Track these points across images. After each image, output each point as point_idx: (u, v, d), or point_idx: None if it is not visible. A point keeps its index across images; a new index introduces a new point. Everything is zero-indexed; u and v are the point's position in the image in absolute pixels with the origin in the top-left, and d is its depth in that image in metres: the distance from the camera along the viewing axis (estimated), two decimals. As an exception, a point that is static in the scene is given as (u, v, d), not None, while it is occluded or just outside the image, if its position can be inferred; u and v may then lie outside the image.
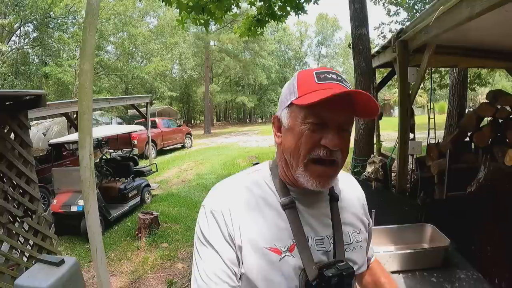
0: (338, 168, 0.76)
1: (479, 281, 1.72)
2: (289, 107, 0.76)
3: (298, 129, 0.73)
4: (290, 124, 0.75)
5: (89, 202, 1.76)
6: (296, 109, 0.74)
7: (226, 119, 39.67)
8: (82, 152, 1.74)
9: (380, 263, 1.04)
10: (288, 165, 0.78)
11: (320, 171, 0.73)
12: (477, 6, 1.94)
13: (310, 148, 0.72)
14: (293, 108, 0.75)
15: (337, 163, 0.74)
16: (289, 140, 0.75)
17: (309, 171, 0.73)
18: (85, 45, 1.67)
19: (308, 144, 0.72)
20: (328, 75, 0.73)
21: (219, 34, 25.61)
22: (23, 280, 1.72)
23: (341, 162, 0.75)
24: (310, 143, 0.72)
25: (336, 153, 0.72)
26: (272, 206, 0.78)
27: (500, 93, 3.47)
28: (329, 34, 44.27)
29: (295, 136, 0.74)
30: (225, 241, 0.74)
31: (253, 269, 0.72)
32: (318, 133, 0.71)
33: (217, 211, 0.76)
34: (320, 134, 0.71)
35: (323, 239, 0.78)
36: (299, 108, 0.73)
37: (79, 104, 1.73)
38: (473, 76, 9.38)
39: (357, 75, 4.56)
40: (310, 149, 0.72)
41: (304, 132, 0.72)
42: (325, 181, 0.74)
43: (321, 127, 0.71)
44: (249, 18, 5.50)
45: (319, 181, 0.73)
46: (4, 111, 2.55)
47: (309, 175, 0.73)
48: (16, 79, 15.81)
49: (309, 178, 0.73)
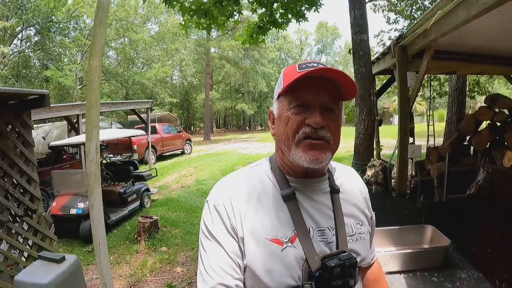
0: (331, 146, 0.78)
1: (480, 281, 1.72)
2: (278, 99, 0.82)
3: (285, 115, 0.78)
4: (279, 113, 0.81)
5: (94, 196, 1.77)
6: (282, 99, 0.80)
7: (226, 126, 39.74)
8: (89, 145, 1.75)
9: (380, 267, 1.04)
10: (283, 153, 0.80)
11: (310, 143, 0.75)
12: (473, 9, 1.98)
13: (296, 129, 0.75)
14: (280, 99, 0.81)
15: (328, 140, 0.76)
16: (280, 127, 0.80)
17: (300, 147, 0.76)
18: (95, 41, 1.70)
19: (294, 125, 0.76)
20: (309, 64, 0.77)
21: (220, 41, 25.82)
22: (24, 276, 1.72)
23: (333, 141, 0.77)
24: (296, 124, 0.76)
25: (322, 131, 0.75)
26: (273, 198, 0.79)
27: (498, 96, 3.50)
28: (329, 42, 44.72)
29: (283, 122, 0.78)
30: (228, 234, 0.75)
31: (255, 260, 0.73)
32: (302, 114, 0.75)
33: (220, 205, 0.78)
34: (304, 115, 0.75)
35: (325, 230, 0.79)
36: (283, 96, 0.79)
37: (87, 98, 1.75)
38: (472, 84, 9.45)
39: (357, 80, 4.59)
40: (296, 129, 0.75)
41: (290, 116, 0.76)
42: (318, 154, 0.75)
43: (304, 109, 0.76)
44: (251, 26, 5.56)
45: (312, 154, 0.75)
46: (8, 110, 2.57)
47: (301, 151, 0.75)
48: (17, 82, 15.84)
49: (301, 154, 0.75)
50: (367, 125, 4.47)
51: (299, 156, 0.75)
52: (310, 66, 0.76)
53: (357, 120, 4.60)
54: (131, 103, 10.52)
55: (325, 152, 0.76)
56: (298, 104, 0.76)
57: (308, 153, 0.75)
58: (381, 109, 26.97)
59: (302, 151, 0.75)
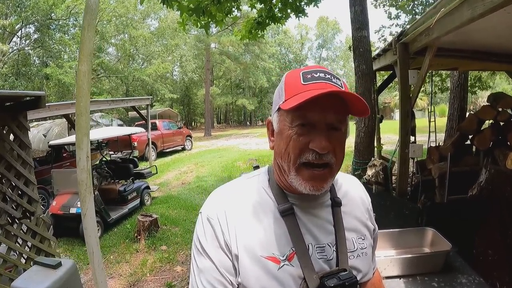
0: (333, 170, 0.73)
1: (481, 286, 1.70)
2: (278, 111, 0.74)
3: (286, 133, 0.71)
4: (280, 128, 0.74)
5: (85, 205, 1.74)
6: (283, 113, 0.72)
7: (227, 122, 39.71)
8: (79, 153, 1.72)
9: (379, 274, 1.01)
10: (282, 171, 0.76)
11: (312, 174, 0.70)
12: (478, 8, 1.92)
13: (299, 153, 0.70)
14: (281, 112, 0.73)
15: (331, 165, 0.71)
16: (280, 144, 0.74)
17: (301, 175, 0.71)
18: (83, 46, 1.66)
19: (297, 148, 0.70)
20: (315, 74, 0.70)
21: (220, 36, 25.68)
22: (20, 282, 1.70)
23: (335, 164, 0.72)
24: (298, 148, 0.69)
25: (327, 156, 0.69)
26: (270, 213, 0.76)
27: (501, 95, 3.46)
28: (329, 37, 44.36)
29: (284, 140, 0.72)
30: (221, 249, 0.72)
31: (250, 278, 0.70)
32: (306, 136, 0.69)
33: (214, 218, 0.75)
34: (308, 137, 0.69)
35: (325, 246, 0.76)
36: (285, 111, 0.71)
37: (76, 105, 1.71)
38: (474, 79, 9.39)
39: (357, 77, 4.56)
40: (298, 153, 0.70)
41: (292, 136, 0.70)
42: (319, 184, 0.71)
43: (308, 129, 0.69)
44: (250, 21, 5.50)
45: (312, 184, 0.70)
46: (4, 112, 2.54)
47: (301, 179, 0.71)
48: (17, 80, 15.84)
49: (301, 182, 0.71)
50: (368, 123, 4.44)
51: (298, 183, 0.71)
52: (316, 77, 0.70)
53: (358, 119, 4.56)
54: (131, 100, 10.48)
55: (327, 180, 0.72)
56: (302, 123, 0.69)
57: (308, 183, 0.70)
58: (382, 104, 26.89)
59: (303, 179, 0.70)
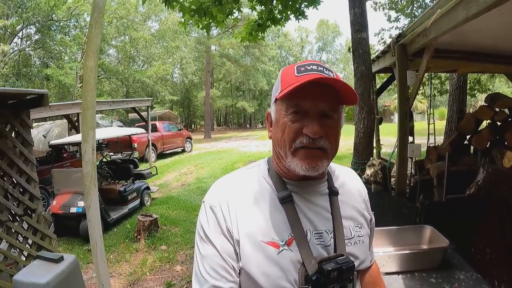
0: (328, 155, 0.77)
1: (479, 282, 1.72)
2: (275, 102, 0.80)
3: (282, 121, 0.76)
4: (277, 117, 0.79)
5: (90, 197, 1.77)
6: (279, 103, 0.78)
7: (227, 124, 39.71)
8: (85, 146, 1.74)
9: (378, 268, 1.03)
10: (279, 157, 0.80)
11: (307, 152, 0.74)
12: (472, 8, 1.96)
13: (293, 138, 0.74)
14: (278, 103, 0.79)
15: (325, 149, 0.75)
16: (276, 132, 0.79)
17: (297, 156, 0.75)
18: (91, 42, 1.69)
19: (291, 134, 0.74)
20: (308, 66, 0.75)
21: (220, 39, 25.76)
22: (22, 275, 1.72)
23: (330, 149, 0.76)
24: (293, 133, 0.74)
25: (320, 141, 0.74)
26: (269, 200, 0.79)
27: (498, 96, 3.49)
28: (329, 40, 44.55)
29: (280, 128, 0.77)
30: (223, 236, 0.75)
31: (251, 263, 0.73)
32: (299, 122, 0.74)
33: (216, 206, 0.78)
34: (301, 123, 0.74)
35: (322, 233, 0.78)
36: (281, 101, 0.77)
37: (83, 100, 1.75)
38: (473, 82, 9.42)
39: (356, 79, 4.58)
40: (293, 138, 0.74)
41: (287, 123, 0.75)
42: (314, 162, 0.74)
43: (302, 116, 0.74)
44: (250, 23, 5.54)
45: (308, 162, 0.74)
46: (7, 110, 2.57)
47: (298, 159, 0.75)
48: (17, 81, 15.85)
49: (298, 162, 0.74)
50: (367, 124, 4.45)
51: (295, 164, 0.75)
52: (309, 69, 0.74)
53: (357, 119, 4.58)
54: (132, 101, 10.51)
55: (322, 160, 0.76)
56: (296, 111, 0.74)
57: (304, 161, 0.74)
58: (382, 107, 26.93)
59: (298, 159, 0.75)
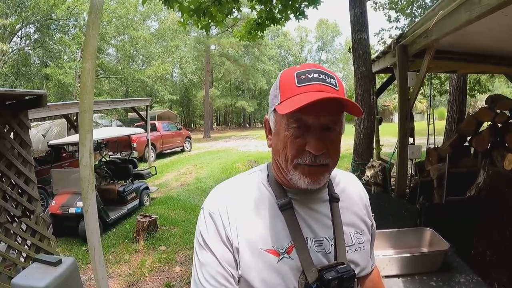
0: (329, 168, 0.75)
1: (479, 285, 1.71)
2: (274, 111, 0.76)
3: (283, 135, 0.73)
4: (277, 129, 0.76)
5: (88, 201, 1.75)
6: (279, 115, 0.74)
7: (226, 124, 39.69)
8: (82, 150, 1.73)
9: (379, 272, 1.02)
10: (280, 168, 0.78)
11: (309, 170, 0.72)
12: (475, 10, 1.94)
13: (295, 155, 0.72)
14: (277, 113, 0.74)
15: (326, 165, 0.73)
16: (277, 144, 0.76)
17: (298, 170, 0.73)
18: (88, 44, 1.68)
19: (293, 150, 0.72)
20: (309, 74, 0.72)
21: (220, 38, 25.74)
22: (20, 279, 1.71)
23: (331, 163, 0.74)
24: (295, 150, 0.72)
25: (321, 158, 0.72)
26: (269, 208, 0.77)
27: (499, 97, 3.48)
28: (329, 39, 44.52)
29: (281, 141, 0.74)
30: (223, 243, 0.74)
31: (250, 271, 0.72)
32: (301, 138, 0.71)
33: (215, 213, 0.76)
34: (303, 139, 0.71)
35: (323, 240, 0.77)
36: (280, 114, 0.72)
37: (80, 102, 1.73)
38: (473, 83, 9.42)
39: (356, 79, 4.57)
40: (295, 155, 0.72)
41: (289, 138, 0.72)
42: (316, 177, 0.73)
43: (303, 131, 0.71)
44: (250, 22, 5.53)
45: (310, 177, 0.72)
46: (5, 110, 2.55)
47: (300, 174, 0.73)
48: (16, 80, 15.85)
49: (300, 176, 0.73)
50: (367, 124, 4.45)
51: (296, 178, 0.73)
52: (310, 78, 0.71)
53: (357, 120, 4.58)
54: (131, 101, 10.49)
55: (324, 174, 0.74)
56: (298, 126, 0.71)
57: (306, 177, 0.73)
58: (381, 107, 26.92)
59: (300, 174, 0.73)
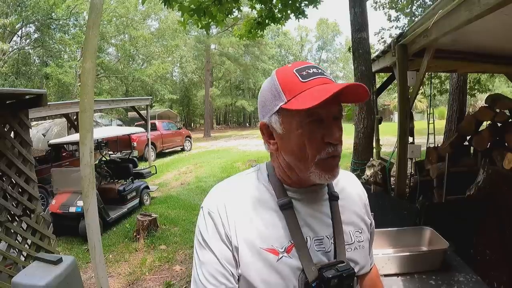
0: (340, 157, 0.77)
1: (478, 284, 1.71)
2: (279, 112, 0.73)
3: (297, 133, 0.71)
4: (286, 129, 0.73)
5: (88, 200, 1.76)
6: (288, 114, 0.72)
7: (226, 123, 39.68)
8: (83, 149, 1.74)
9: (377, 271, 1.02)
10: (292, 168, 0.76)
11: (330, 165, 0.73)
12: (475, 9, 1.94)
13: (317, 149, 0.71)
14: (284, 113, 0.72)
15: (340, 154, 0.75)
16: (291, 145, 0.74)
17: (320, 168, 0.72)
18: (88, 44, 1.68)
19: (314, 145, 0.71)
20: (309, 70, 0.72)
21: (220, 37, 25.73)
22: (21, 278, 1.71)
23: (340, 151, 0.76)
24: (315, 144, 0.71)
25: (339, 147, 0.74)
26: (269, 207, 0.77)
27: (499, 97, 3.49)
28: (329, 39, 44.43)
29: (296, 140, 0.72)
30: (222, 242, 0.74)
31: (250, 270, 0.72)
32: (317, 131, 0.71)
33: (214, 212, 0.76)
34: (319, 132, 0.71)
35: (323, 239, 0.77)
36: (292, 111, 0.70)
37: (81, 102, 1.74)
38: (473, 82, 9.42)
39: (356, 78, 4.56)
40: (317, 150, 0.71)
41: (306, 136, 0.71)
42: (335, 171, 0.74)
43: (318, 124, 0.71)
44: (250, 21, 5.53)
45: (330, 173, 0.73)
46: (5, 110, 2.56)
47: (321, 171, 0.73)
48: (16, 79, 15.86)
49: (321, 174, 0.73)
50: (367, 124, 4.44)
51: (316, 175, 0.73)
52: (311, 73, 0.71)
53: (357, 119, 4.57)
54: (131, 100, 10.49)
55: (338, 165, 0.76)
56: (312, 120, 0.70)
57: (328, 173, 0.73)
58: (381, 106, 26.89)
59: (321, 170, 0.73)
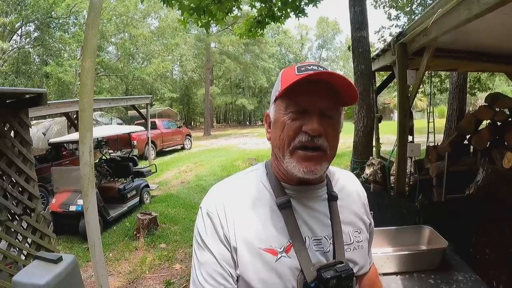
0: (328, 156, 0.75)
1: (477, 283, 1.72)
2: (275, 102, 0.79)
3: (281, 120, 0.75)
4: (276, 117, 0.78)
5: (88, 199, 1.76)
6: (279, 102, 0.76)
7: (226, 121, 39.66)
8: (82, 148, 1.74)
9: (376, 270, 1.02)
10: (278, 159, 0.78)
11: (305, 155, 0.72)
12: (474, 8, 1.94)
13: (292, 136, 0.73)
14: (277, 102, 0.77)
15: (323, 149, 0.73)
16: (275, 132, 0.77)
17: (295, 157, 0.73)
18: (87, 43, 1.68)
19: (290, 131, 0.73)
20: (309, 66, 0.74)
21: (220, 36, 25.68)
22: (21, 276, 1.72)
23: (329, 149, 0.74)
24: (292, 131, 0.72)
25: (319, 139, 0.72)
26: (267, 206, 0.77)
27: (499, 96, 3.48)
28: (329, 37, 44.39)
29: (279, 127, 0.75)
30: (221, 242, 0.74)
31: (249, 270, 0.72)
32: (299, 120, 0.72)
33: (213, 212, 0.76)
34: (301, 121, 0.72)
35: (321, 239, 0.77)
36: (281, 100, 0.76)
37: (80, 101, 1.74)
38: (473, 81, 9.41)
39: (356, 77, 4.58)
40: (292, 136, 0.73)
41: (286, 122, 0.73)
42: (313, 165, 0.73)
43: (301, 115, 0.73)
44: (250, 19, 5.53)
45: (306, 166, 0.72)
46: (5, 109, 2.56)
47: (295, 161, 0.73)
48: (16, 78, 15.84)
49: (295, 164, 0.73)
50: (366, 122, 4.46)
51: (292, 165, 0.73)
52: (309, 69, 0.73)
53: (356, 118, 4.58)
54: (131, 99, 10.49)
55: (321, 163, 0.74)
56: (295, 110, 0.73)
57: (302, 164, 0.72)
58: (381, 104, 26.84)
59: (296, 161, 0.73)
